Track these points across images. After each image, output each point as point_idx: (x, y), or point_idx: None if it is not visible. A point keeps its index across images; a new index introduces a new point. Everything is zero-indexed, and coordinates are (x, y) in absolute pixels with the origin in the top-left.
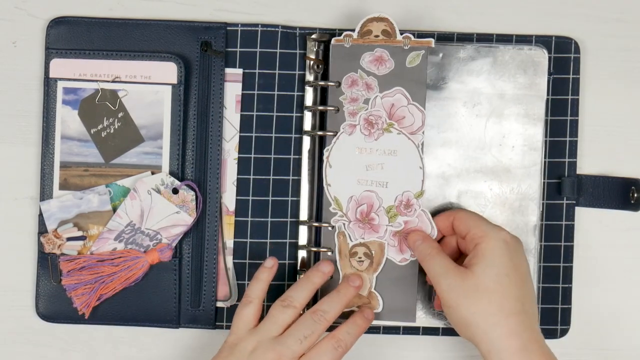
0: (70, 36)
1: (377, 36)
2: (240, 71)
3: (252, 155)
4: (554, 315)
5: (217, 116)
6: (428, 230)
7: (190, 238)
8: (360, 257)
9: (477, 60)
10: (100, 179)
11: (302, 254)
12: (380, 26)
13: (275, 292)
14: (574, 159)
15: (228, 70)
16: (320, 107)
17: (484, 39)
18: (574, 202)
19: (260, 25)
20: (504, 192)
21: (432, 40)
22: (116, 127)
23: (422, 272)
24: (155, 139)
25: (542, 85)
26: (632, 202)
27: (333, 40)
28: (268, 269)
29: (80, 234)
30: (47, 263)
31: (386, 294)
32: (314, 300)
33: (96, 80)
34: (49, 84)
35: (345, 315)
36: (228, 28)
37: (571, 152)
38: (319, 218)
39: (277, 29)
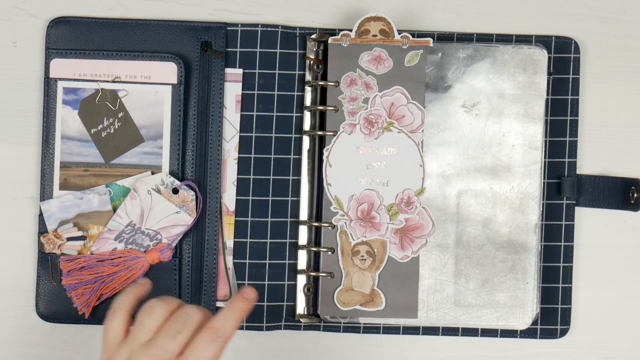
0: (70, 36)
1: (375, 36)
2: (240, 71)
3: (252, 155)
4: (554, 315)
5: (217, 116)
6: (429, 228)
7: (190, 238)
8: (362, 256)
9: (477, 60)
10: (100, 179)
11: (302, 254)
12: (377, 26)
13: (273, 292)
14: (574, 159)
15: (228, 70)
16: (320, 107)
17: (484, 39)
18: (574, 202)
19: (260, 25)
20: (504, 191)
21: (430, 40)
22: (116, 127)
23: (423, 268)
24: (155, 139)
25: (542, 84)
26: (632, 202)
27: (330, 40)
28: (140, 285)
29: (80, 234)
30: (47, 263)
31: (388, 291)
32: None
33: (96, 80)
34: (49, 84)
35: None
36: (228, 28)
37: (571, 152)
38: (319, 218)
39: (277, 29)
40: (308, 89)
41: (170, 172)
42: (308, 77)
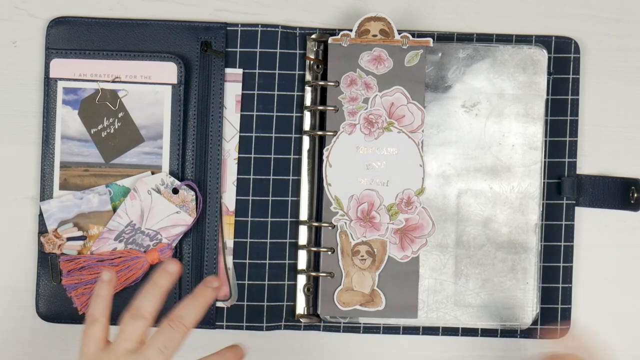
0: (70, 36)
1: (375, 36)
2: (240, 71)
3: (252, 155)
4: (554, 315)
5: (217, 116)
6: (429, 228)
7: (190, 238)
8: (362, 256)
9: (477, 60)
10: (100, 179)
11: (302, 254)
12: (377, 26)
13: (273, 291)
14: (574, 159)
15: (228, 70)
16: (320, 107)
17: (484, 39)
18: (574, 202)
19: (260, 26)
20: (504, 191)
21: (430, 40)
22: (116, 127)
23: (423, 268)
24: (155, 139)
25: (542, 84)
26: (632, 202)
27: (330, 40)
28: (106, 282)
29: (80, 234)
30: (47, 263)
31: (388, 291)
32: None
33: (96, 80)
34: (49, 84)
35: None
36: (228, 28)
37: (571, 152)
38: (319, 218)
39: (277, 29)
40: (308, 89)
41: (170, 172)
42: (308, 77)
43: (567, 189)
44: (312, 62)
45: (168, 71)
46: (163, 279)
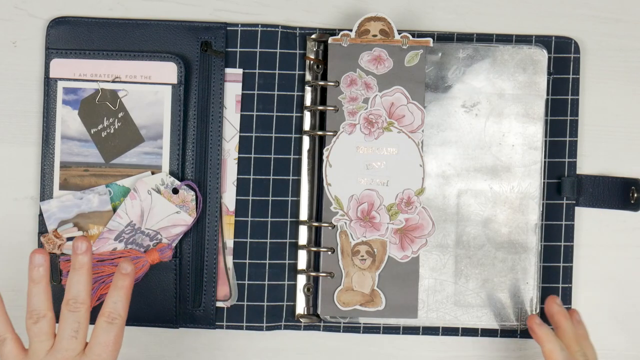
0: (70, 36)
1: (374, 36)
2: (240, 71)
3: (252, 155)
4: None
5: (217, 116)
6: (429, 228)
7: (190, 238)
8: (362, 256)
9: (477, 60)
10: (100, 179)
11: (302, 254)
12: (377, 26)
13: (273, 291)
14: (574, 159)
15: (228, 70)
16: (320, 107)
17: (484, 39)
18: (574, 202)
19: (260, 26)
20: (504, 191)
21: (430, 40)
22: (116, 127)
23: (423, 268)
24: (155, 139)
25: (542, 84)
26: (632, 202)
27: (330, 40)
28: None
29: (80, 234)
30: None
31: (388, 291)
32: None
33: (96, 80)
34: (49, 84)
35: None
36: (228, 28)
37: (571, 152)
38: (319, 218)
39: (277, 29)
40: (308, 89)
41: (170, 172)
42: (308, 77)
43: (567, 189)
44: (312, 62)
45: (168, 71)
46: (38, 273)
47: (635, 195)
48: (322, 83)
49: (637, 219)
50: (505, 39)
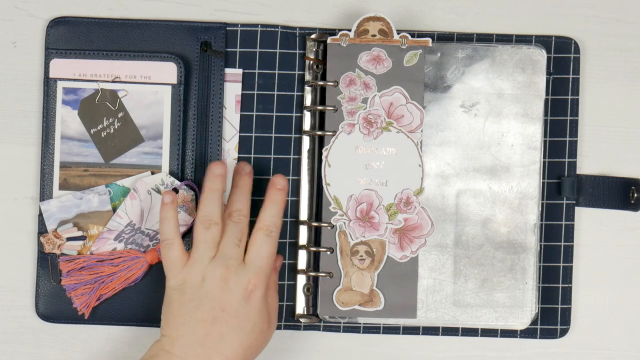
0: (70, 36)
1: (374, 35)
2: (240, 71)
3: (252, 155)
4: (554, 315)
5: (217, 116)
6: (427, 228)
7: (190, 238)
8: (361, 256)
9: (476, 60)
10: (100, 179)
11: (302, 254)
12: (377, 26)
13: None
14: (573, 159)
15: (228, 70)
16: (319, 107)
17: (484, 39)
18: (574, 202)
19: (260, 26)
20: (503, 191)
21: (429, 39)
22: (116, 127)
23: (422, 268)
24: (155, 139)
25: (541, 84)
26: (632, 202)
27: (329, 40)
28: (169, 204)
29: (80, 234)
30: (47, 263)
31: (387, 291)
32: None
33: (96, 80)
34: (49, 84)
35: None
36: (228, 28)
37: (571, 152)
38: (318, 218)
39: (276, 29)
40: (308, 89)
41: (170, 172)
42: (308, 77)
43: (567, 189)
44: (311, 62)
45: (168, 71)
46: (216, 183)
47: (635, 195)
48: (321, 83)
49: (637, 219)
50: (505, 39)
